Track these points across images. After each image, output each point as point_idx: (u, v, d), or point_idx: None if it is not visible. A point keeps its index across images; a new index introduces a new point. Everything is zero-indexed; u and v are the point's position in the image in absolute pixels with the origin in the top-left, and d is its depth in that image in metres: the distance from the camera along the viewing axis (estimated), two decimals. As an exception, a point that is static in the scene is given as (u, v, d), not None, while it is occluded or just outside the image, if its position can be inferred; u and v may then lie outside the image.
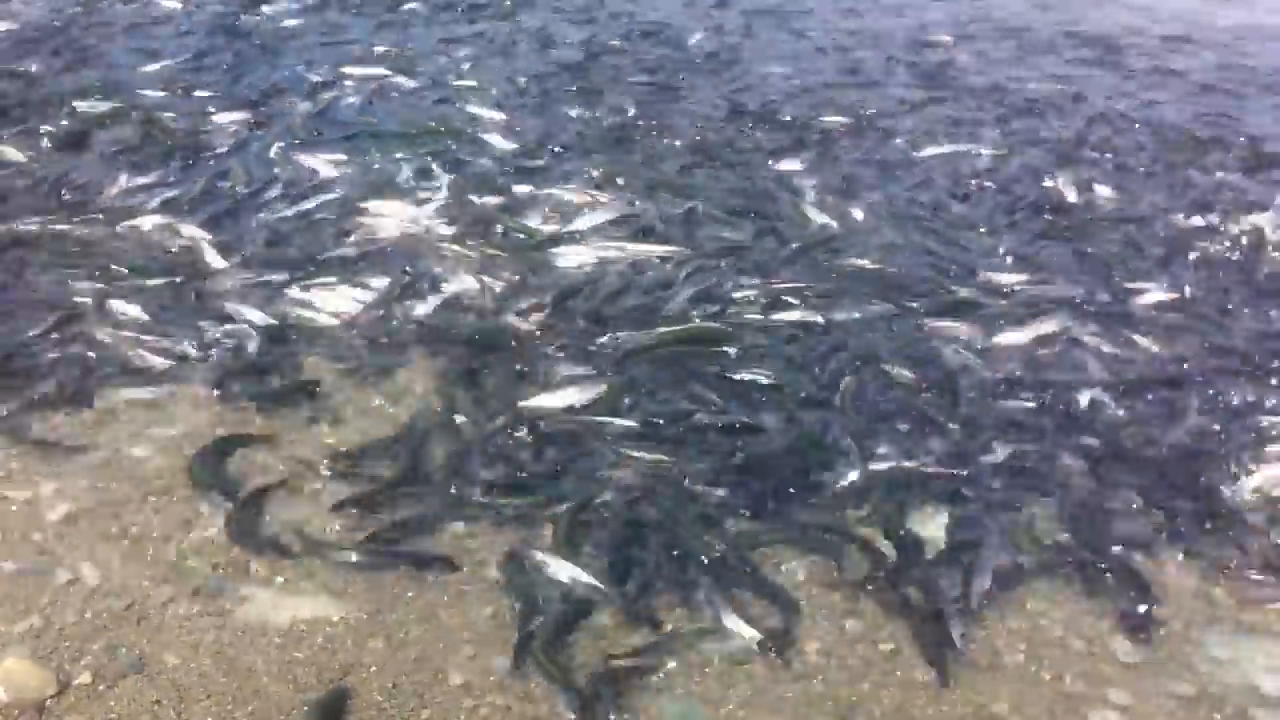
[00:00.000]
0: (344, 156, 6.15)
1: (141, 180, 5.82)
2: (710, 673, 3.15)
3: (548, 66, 7.79)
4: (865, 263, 5.29)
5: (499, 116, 6.78)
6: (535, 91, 7.28)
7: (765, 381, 4.34)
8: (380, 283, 4.92)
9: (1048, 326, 4.78)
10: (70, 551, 3.48)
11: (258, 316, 4.66)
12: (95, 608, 3.27)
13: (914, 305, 4.96)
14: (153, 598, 3.31)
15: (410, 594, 3.37)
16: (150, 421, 4.08)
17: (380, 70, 7.42)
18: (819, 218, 5.69)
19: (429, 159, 6.17)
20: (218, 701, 3.00)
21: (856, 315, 4.83)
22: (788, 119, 7.00)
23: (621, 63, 7.90)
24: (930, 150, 6.63)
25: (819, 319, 4.77)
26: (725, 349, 4.54)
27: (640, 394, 4.26)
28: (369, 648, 3.18)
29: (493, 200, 5.70)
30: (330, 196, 5.71)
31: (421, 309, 4.78)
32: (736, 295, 4.92)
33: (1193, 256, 5.54)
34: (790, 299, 4.90)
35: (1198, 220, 5.89)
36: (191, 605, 3.30)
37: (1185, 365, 4.66)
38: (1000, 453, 4.04)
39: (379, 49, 7.88)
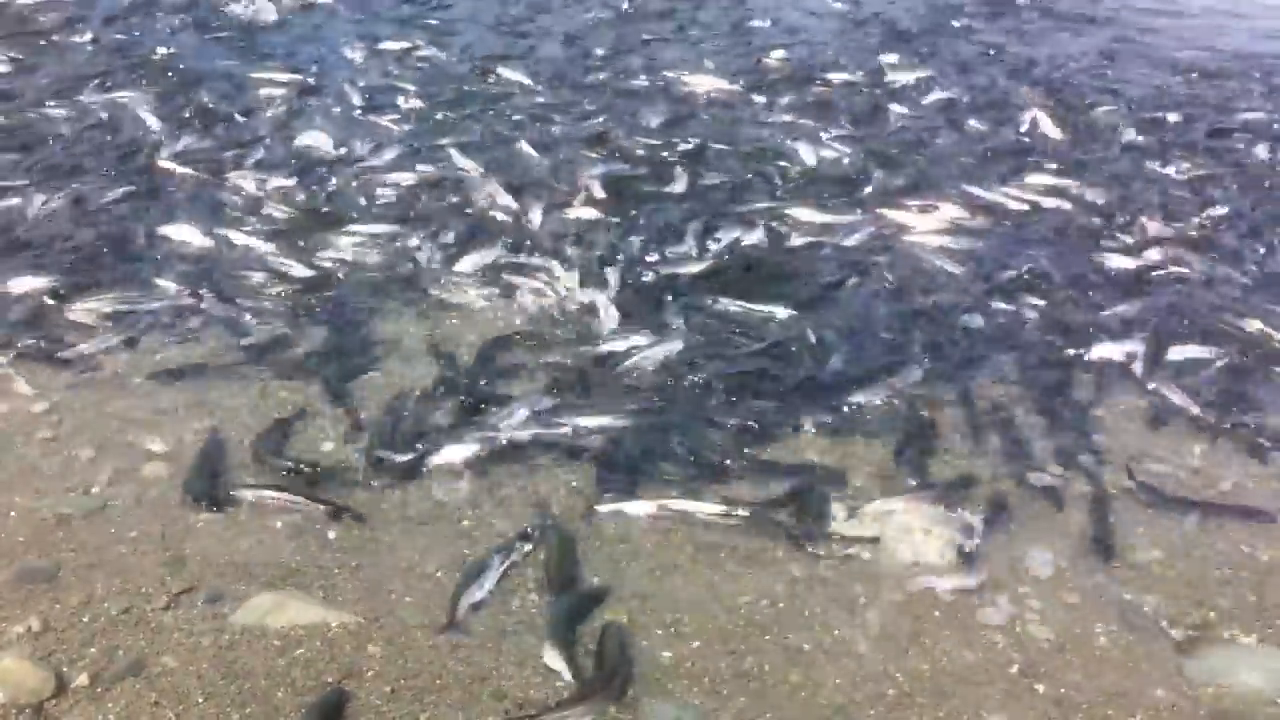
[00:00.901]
0: (401, 118, 6.90)
1: (225, 141, 6.52)
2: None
3: (566, 36, 8.61)
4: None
5: (530, 81, 7.57)
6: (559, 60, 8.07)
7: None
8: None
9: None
10: (70, 550, 3.49)
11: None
12: (94, 610, 3.27)
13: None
14: (152, 601, 3.32)
15: (409, 599, 3.38)
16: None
17: (415, 42, 8.31)
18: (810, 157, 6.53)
19: (478, 120, 6.97)
20: (216, 704, 3.00)
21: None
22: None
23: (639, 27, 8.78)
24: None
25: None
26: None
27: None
28: (368, 652, 3.18)
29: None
30: (399, 152, 6.40)
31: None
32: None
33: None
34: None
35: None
36: (190, 608, 3.30)
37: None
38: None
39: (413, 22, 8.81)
